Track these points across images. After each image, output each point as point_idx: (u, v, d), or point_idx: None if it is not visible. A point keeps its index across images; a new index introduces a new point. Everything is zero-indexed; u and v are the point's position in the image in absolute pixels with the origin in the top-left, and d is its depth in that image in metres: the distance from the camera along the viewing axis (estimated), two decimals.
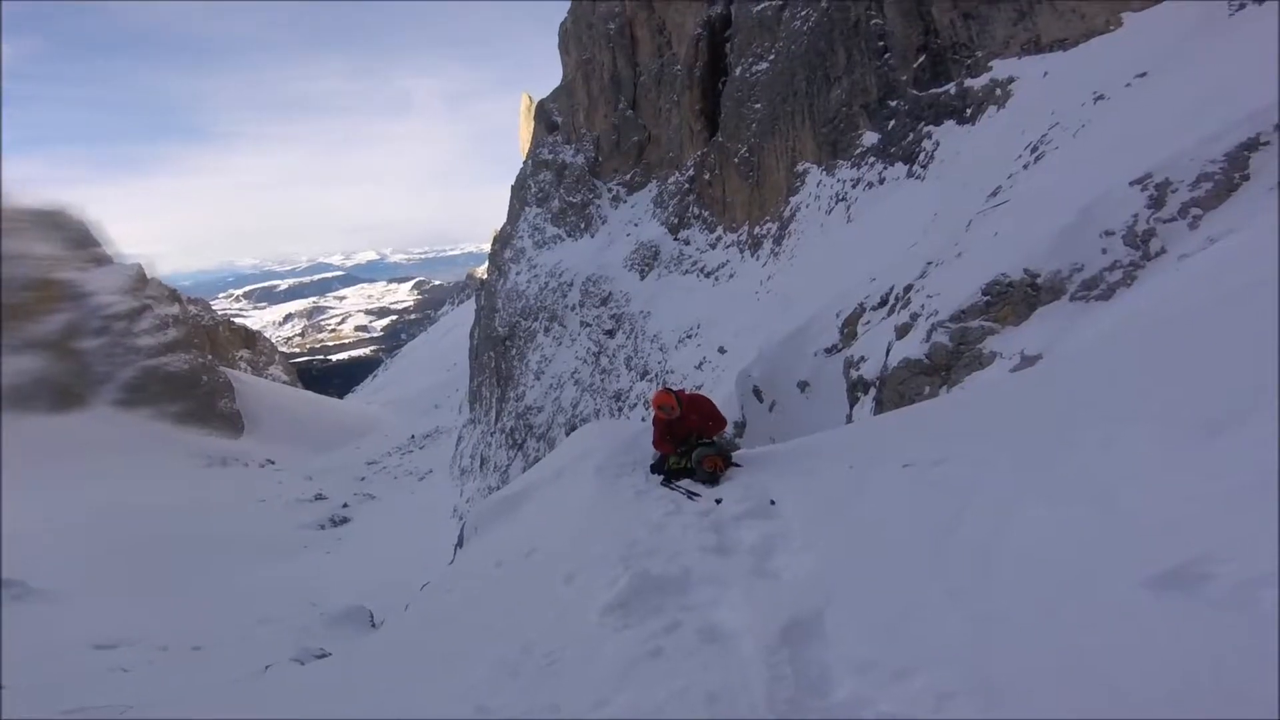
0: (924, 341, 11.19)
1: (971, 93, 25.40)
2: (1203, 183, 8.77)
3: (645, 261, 49.08)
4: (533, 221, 65.68)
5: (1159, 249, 8.77)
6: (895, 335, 12.79)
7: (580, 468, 7.65)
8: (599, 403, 44.98)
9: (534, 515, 7.72)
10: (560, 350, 52.07)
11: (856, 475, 4.78)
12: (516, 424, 52.72)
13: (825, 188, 33.11)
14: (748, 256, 39.16)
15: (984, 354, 9.74)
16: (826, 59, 33.42)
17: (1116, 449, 3.19)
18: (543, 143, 71.23)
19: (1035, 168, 15.71)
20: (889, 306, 15.91)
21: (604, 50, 61.45)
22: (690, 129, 49.94)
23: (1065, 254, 9.52)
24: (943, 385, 10.37)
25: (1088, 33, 20.90)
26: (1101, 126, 14.71)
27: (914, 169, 27.43)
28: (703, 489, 5.95)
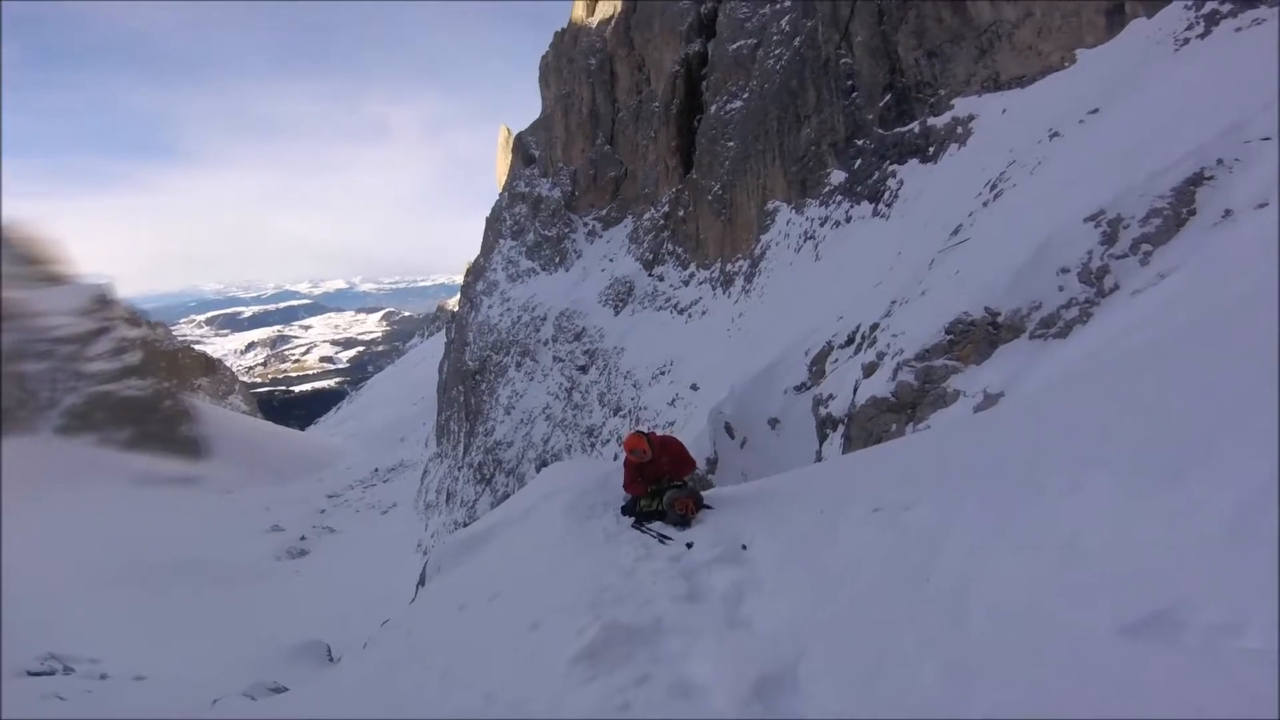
0: (890, 380, 11.38)
1: (934, 131, 26.29)
2: (1152, 218, 9.14)
3: (619, 297, 49.34)
4: (507, 254, 65.69)
5: (1112, 285, 9.08)
6: (863, 374, 12.99)
7: (548, 507, 7.50)
8: (571, 438, 44.66)
9: (499, 556, 7.52)
10: (532, 385, 51.73)
11: (828, 519, 4.75)
12: (485, 459, 51.93)
13: (795, 226, 33.84)
14: (720, 293, 39.65)
15: (948, 392, 9.95)
16: (798, 98, 34.42)
17: (1082, 495, 3.21)
18: (520, 175, 71.74)
19: (994, 205, 16.28)
20: (856, 345, 16.20)
21: (583, 85, 62.53)
22: (666, 165, 50.87)
23: (1024, 292, 9.81)
24: (909, 423, 10.55)
25: (1044, 69, 21.91)
26: (1057, 163, 15.31)
27: (879, 207, 28.21)
28: (674, 532, 5.88)
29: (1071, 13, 21.22)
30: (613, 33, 60.02)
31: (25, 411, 65.50)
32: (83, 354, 71.23)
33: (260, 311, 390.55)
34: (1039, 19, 22.32)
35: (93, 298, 75.66)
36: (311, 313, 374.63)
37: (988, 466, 4.71)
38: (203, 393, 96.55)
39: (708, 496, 6.66)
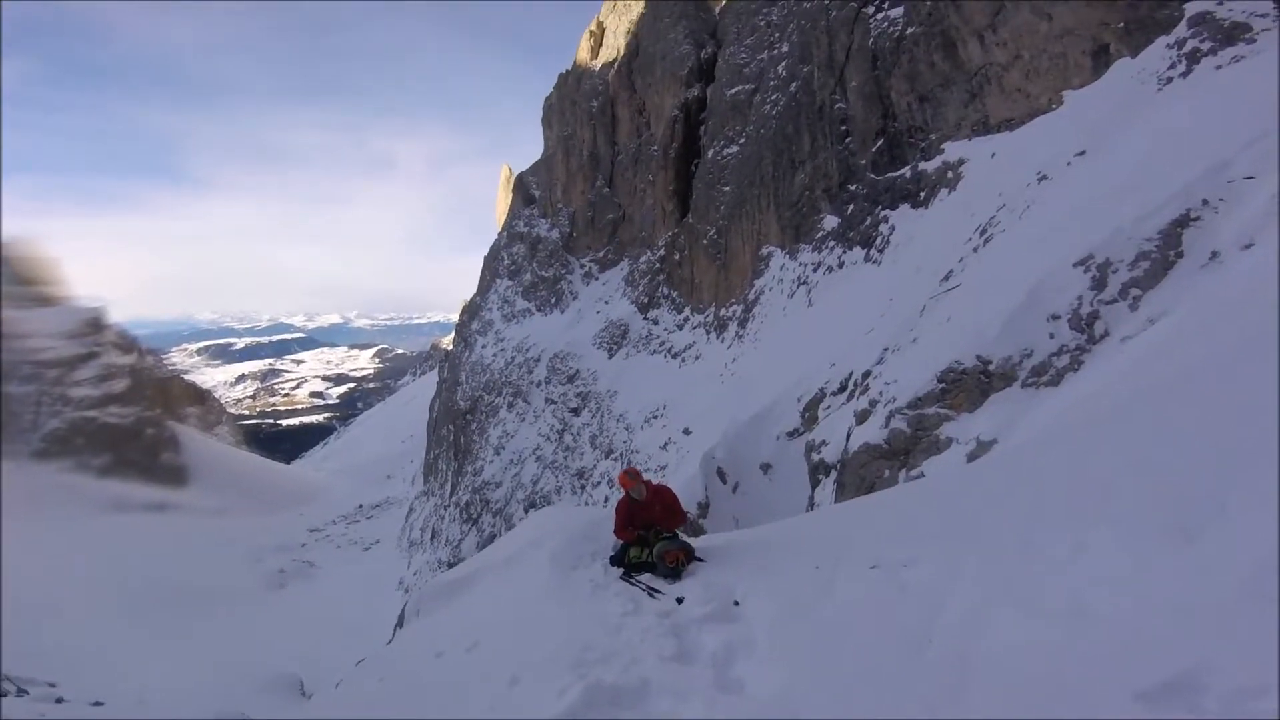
0: (883, 427, 11.35)
1: (925, 176, 26.64)
2: (1141, 262, 9.19)
3: (614, 340, 49.41)
4: (503, 294, 66.00)
5: (1103, 332, 9.09)
6: (855, 420, 12.95)
7: (534, 555, 7.27)
8: (561, 480, 44.22)
9: (481, 603, 7.27)
10: (523, 426, 51.40)
11: (823, 575, 4.59)
12: (473, 498, 51.26)
13: (788, 271, 34.13)
14: (714, 338, 39.77)
15: (941, 439, 9.89)
16: (792, 143, 34.98)
17: (1088, 555, 3.09)
18: (519, 215, 72.57)
19: (984, 251, 16.40)
20: (848, 392, 16.23)
21: (585, 127, 63.62)
22: (663, 209, 51.50)
23: (1015, 340, 9.84)
24: (902, 469, 10.50)
25: (1032, 112, 22.26)
26: (1045, 206, 15.46)
27: (871, 253, 28.48)
28: (664, 585, 5.71)
29: (1058, 54, 21.65)
30: (615, 76, 61.32)
31: (6, 434, 64.48)
32: (69, 378, 70.41)
33: (253, 344, 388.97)
34: (1027, 61, 22.79)
35: (84, 321, 75.16)
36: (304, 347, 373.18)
37: (987, 521, 4.59)
38: (191, 422, 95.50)
39: (699, 545, 6.50)
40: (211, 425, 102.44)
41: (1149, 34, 17.95)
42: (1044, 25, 21.83)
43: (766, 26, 42.64)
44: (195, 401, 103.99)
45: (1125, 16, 19.00)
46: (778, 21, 41.00)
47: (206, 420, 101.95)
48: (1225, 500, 2.85)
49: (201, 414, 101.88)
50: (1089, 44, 20.58)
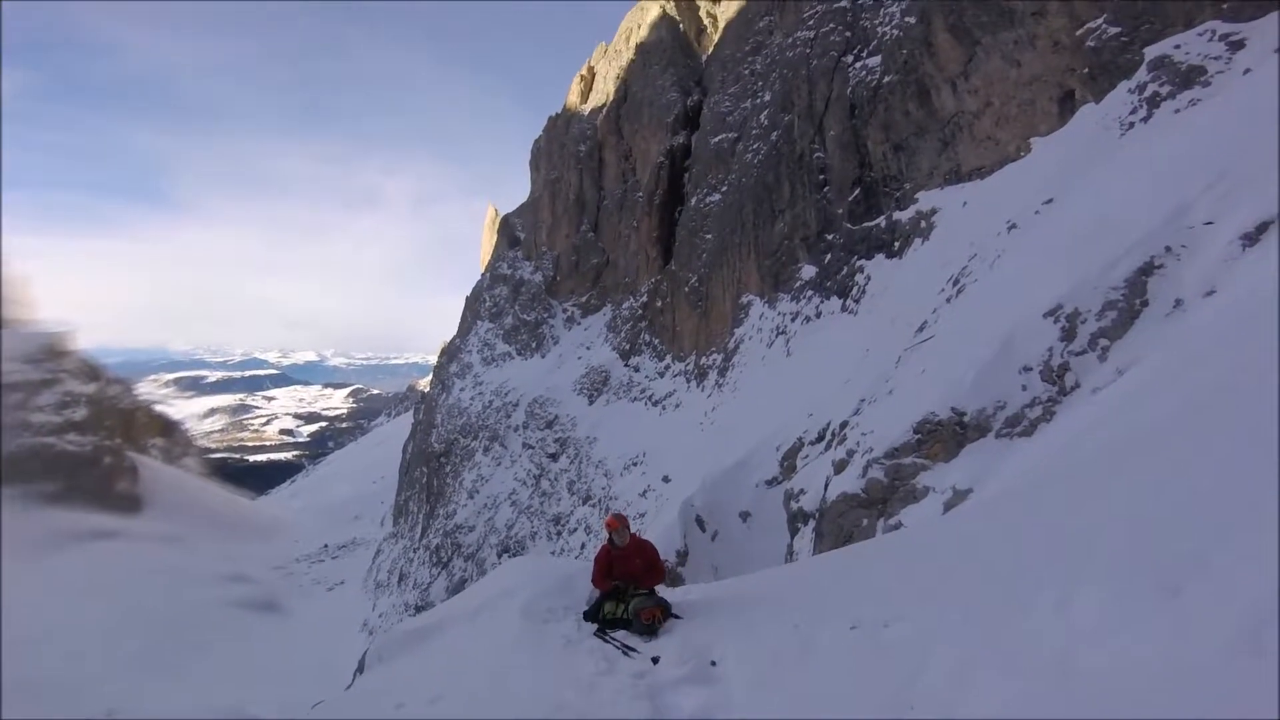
0: (860, 477, 11.36)
1: (899, 226, 27.19)
2: (1108, 311, 9.38)
3: (595, 386, 49.29)
4: (484, 337, 65.74)
5: (1073, 383, 9.24)
6: (833, 470, 12.98)
7: (505, 605, 7.01)
8: (536, 525, 43.48)
9: (447, 653, 6.95)
10: (499, 470, 50.65)
11: (802, 635, 4.47)
12: (444, 542, 50.10)
13: (767, 320, 34.48)
14: (694, 386, 39.84)
15: (918, 489, 9.95)
16: (773, 191, 35.62)
17: (1072, 611, 3.02)
18: (503, 257, 72.90)
19: (957, 301, 16.68)
20: (826, 441, 16.30)
21: (572, 170, 64.45)
22: (646, 255, 52.03)
23: (988, 391, 9.96)
24: (880, 518, 10.52)
25: (1002, 159, 22.93)
26: (1015, 255, 15.75)
27: (848, 303, 28.89)
28: (640, 643, 5.54)
29: (1027, 101, 22.44)
30: (603, 121, 62.56)
31: None
32: (27, 404, 68.39)
33: (225, 378, 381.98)
34: (997, 108, 23.58)
35: (46, 345, 73.33)
36: (277, 384, 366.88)
37: (968, 576, 4.52)
38: (154, 452, 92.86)
39: (676, 599, 6.36)
40: (177, 457, 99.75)
41: (1112, 79, 18.63)
42: (1013, 72, 22.69)
43: (750, 75, 43.84)
44: (161, 432, 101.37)
45: (1089, 62, 19.78)
46: (761, 70, 42.14)
47: (171, 451, 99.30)
48: (1207, 555, 2.83)
49: (166, 445, 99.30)
50: (1056, 90, 21.34)
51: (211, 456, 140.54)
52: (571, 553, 37.84)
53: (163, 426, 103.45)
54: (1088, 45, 19.75)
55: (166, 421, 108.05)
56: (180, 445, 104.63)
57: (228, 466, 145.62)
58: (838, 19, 32.79)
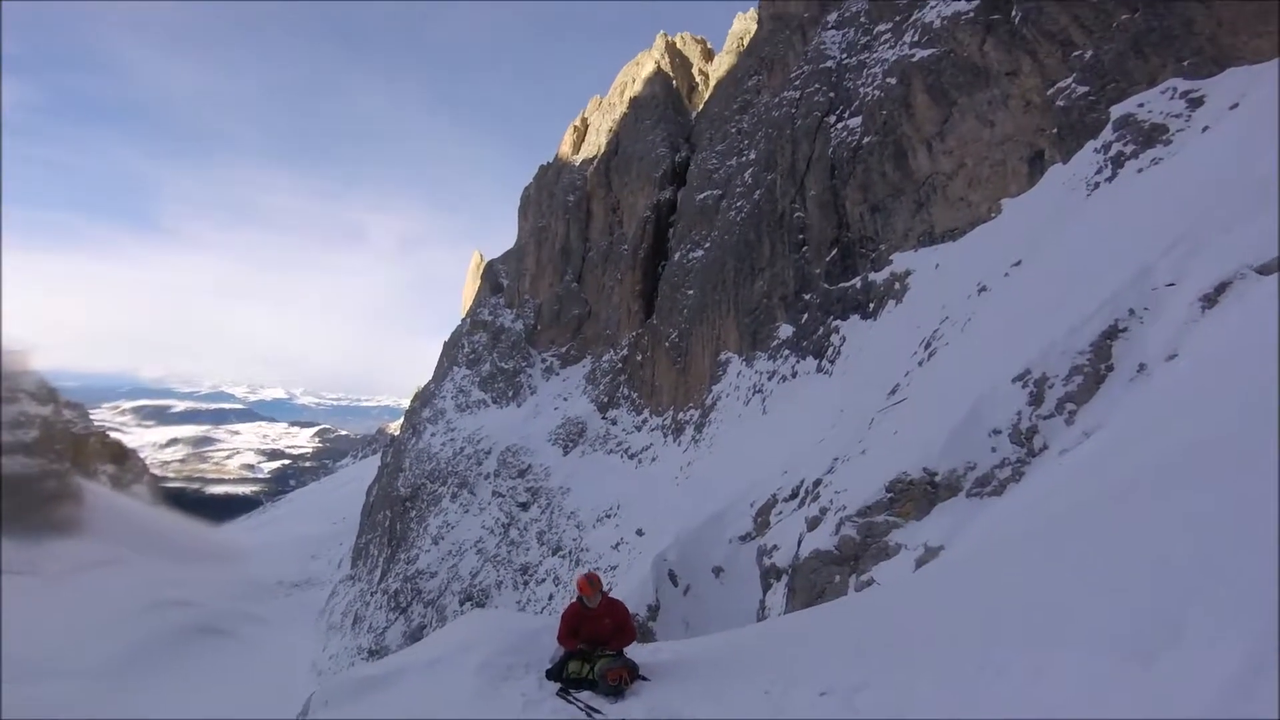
0: (833, 534, 11.32)
1: (875, 287, 27.54)
2: (1074, 376, 9.54)
3: (570, 438, 48.82)
4: (459, 383, 65.01)
5: (1041, 445, 9.35)
6: (806, 527, 12.91)
7: (462, 660, 6.65)
8: (503, 575, 42.37)
9: (397, 706, 6.55)
10: (466, 518, 49.49)
11: (773, 701, 4.32)
12: (403, 587, 48.51)
13: (744, 378, 34.60)
14: (670, 441, 39.63)
15: (890, 546, 9.94)
16: (754, 250, 36.10)
17: (1048, 678, 2.95)
18: (484, 303, 72.69)
19: (929, 364, 16.88)
20: (800, 499, 16.23)
21: (560, 220, 64.88)
22: (629, 309, 52.17)
23: (959, 453, 10.04)
24: (852, 574, 10.45)
25: (974, 220, 23.39)
26: (985, 319, 15.99)
27: (823, 364, 29.11)
28: (605, 705, 5.28)
29: (999, 161, 23.08)
30: (593, 172, 63.51)
31: None
32: None
33: (191, 409, 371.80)
34: (970, 169, 24.22)
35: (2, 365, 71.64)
36: (243, 419, 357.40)
37: (940, 640, 4.42)
38: (105, 479, 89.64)
39: (645, 659, 6.07)
40: (127, 484, 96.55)
41: (1080, 139, 19.18)
42: (986, 132, 23.37)
43: (737, 134, 44.95)
44: (113, 459, 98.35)
45: (1059, 122, 20.39)
46: (748, 129, 43.20)
47: (122, 478, 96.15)
48: (1180, 621, 2.81)
49: (117, 472, 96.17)
50: (1026, 150, 21.96)
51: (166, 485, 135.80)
52: (538, 603, 36.88)
53: (115, 453, 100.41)
54: (1057, 105, 20.33)
55: (120, 448, 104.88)
56: (132, 473, 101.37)
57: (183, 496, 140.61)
58: (823, 79, 33.81)
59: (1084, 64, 19.68)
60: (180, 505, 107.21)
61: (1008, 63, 22.71)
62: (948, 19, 25.37)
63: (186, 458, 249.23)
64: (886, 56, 29.13)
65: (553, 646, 6.45)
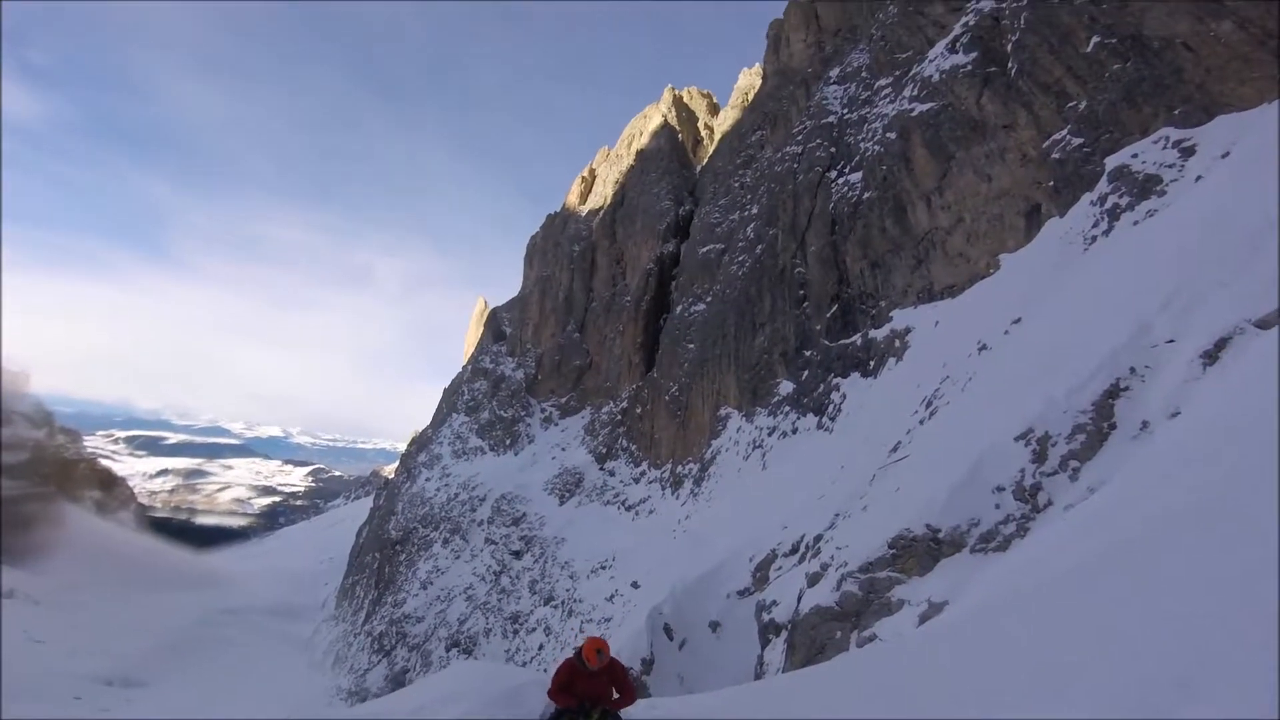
0: (835, 590, 11.20)
1: (875, 344, 27.30)
2: (1077, 434, 9.51)
3: (567, 487, 48.50)
4: (457, 429, 64.89)
5: (1046, 501, 9.27)
6: (807, 583, 12.81)
7: (444, 712, 6.45)
8: (492, 622, 41.51)
9: None
10: (457, 564, 48.78)
11: None
12: (389, 629, 47.47)
13: (744, 433, 34.42)
14: (669, 494, 39.24)
15: (893, 601, 9.78)
16: (755, 305, 36.03)
17: None
18: (486, 350, 72.96)
19: (930, 423, 16.76)
20: (800, 554, 16.12)
21: (564, 270, 65.49)
22: (629, 360, 52.22)
23: (962, 509, 9.96)
24: (853, 630, 10.21)
25: (972, 276, 23.15)
26: (986, 377, 15.84)
27: (824, 420, 28.80)
28: None
29: (996, 216, 22.93)
30: (599, 224, 64.36)
31: None
32: None
33: (185, 441, 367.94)
34: (968, 224, 24.03)
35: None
36: (237, 454, 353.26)
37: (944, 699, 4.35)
38: (90, 504, 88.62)
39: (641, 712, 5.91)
40: (113, 510, 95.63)
41: (1075, 191, 19.11)
42: (984, 186, 23.31)
43: (740, 188, 45.52)
44: (100, 485, 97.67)
45: (1054, 174, 20.33)
46: (750, 184, 43.68)
47: (107, 504, 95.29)
48: (1188, 680, 2.79)
49: (103, 498, 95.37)
50: (1023, 204, 21.85)
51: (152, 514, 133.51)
52: (527, 653, 35.95)
53: (103, 479, 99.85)
54: (1053, 157, 20.30)
55: (108, 475, 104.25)
56: (118, 499, 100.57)
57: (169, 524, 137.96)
58: (824, 134, 34.13)
59: (1078, 115, 19.76)
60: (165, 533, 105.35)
61: (1004, 115, 22.86)
62: (946, 73, 25.72)
63: (176, 488, 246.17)
64: (887, 111, 29.53)
65: (541, 703, 6.20)
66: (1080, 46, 20.10)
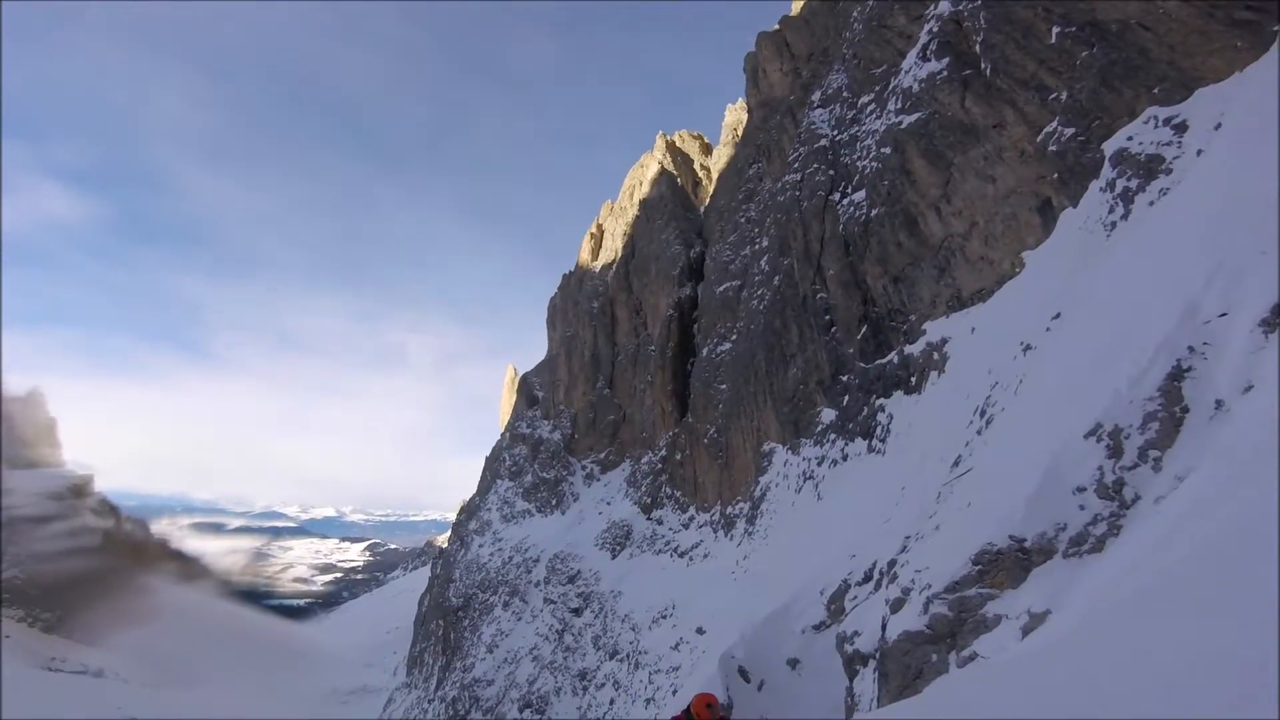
0: (922, 613, 10.90)
1: (913, 360, 26.41)
2: (1150, 423, 9.14)
3: (617, 541, 48.25)
4: (503, 495, 65.46)
5: (1133, 496, 8.89)
6: (889, 609, 12.51)
7: None
8: (561, 681, 41.12)
9: None
10: (519, 625, 48.68)
11: None
12: (461, 695, 47.61)
13: (792, 466, 33.71)
14: (721, 536, 38.56)
15: (989, 618, 9.44)
16: (782, 337, 35.44)
17: None
18: (522, 416, 73.70)
19: (988, 432, 16.27)
20: (875, 581, 15.77)
21: (586, 328, 66.26)
22: (662, 409, 52.06)
23: (1045, 516, 9.63)
24: (950, 651, 9.88)
25: (999, 278, 22.47)
26: (1037, 378, 15.32)
27: (873, 443, 27.94)
28: None
29: (1009, 215, 22.22)
30: (614, 277, 65.16)
31: None
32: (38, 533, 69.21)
33: (244, 525, 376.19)
34: (983, 227, 23.28)
35: (68, 486, 75.67)
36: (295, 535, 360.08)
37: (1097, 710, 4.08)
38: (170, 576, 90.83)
39: None
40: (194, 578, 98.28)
41: (1082, 180, 18.55)
42: (990, 188, 22.76)
43: (747, 223, 45.53)
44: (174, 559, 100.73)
45: (1057, 167, 19.80)
46: (756, 217, 43.62)
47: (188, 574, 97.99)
48: None
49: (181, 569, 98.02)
50: (1033, 200, 21.29)
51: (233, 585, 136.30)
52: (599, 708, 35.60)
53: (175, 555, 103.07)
54: (1051, 150, 19.85)
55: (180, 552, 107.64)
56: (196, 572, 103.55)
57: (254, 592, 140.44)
58: (820, 158, 34.08)
59: (1063, 105, 19.49)
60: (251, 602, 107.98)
61: (991, 116, 22.58)
62: (924, 81, 25.61)
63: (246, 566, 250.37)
64: (876, 127, 29.44)
65: None
66: (1044, 38, 20.05)
